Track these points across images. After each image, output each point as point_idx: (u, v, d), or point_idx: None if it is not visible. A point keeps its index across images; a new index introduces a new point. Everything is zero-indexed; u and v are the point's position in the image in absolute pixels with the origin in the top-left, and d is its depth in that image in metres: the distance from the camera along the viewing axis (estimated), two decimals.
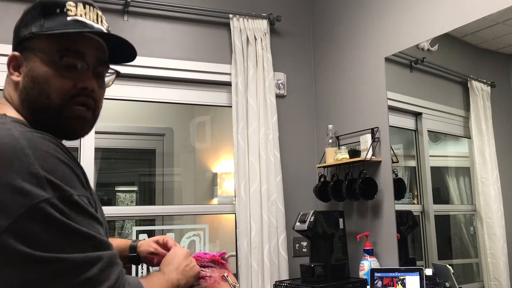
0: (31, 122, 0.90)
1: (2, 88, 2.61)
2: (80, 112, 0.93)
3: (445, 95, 2.43)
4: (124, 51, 1.01)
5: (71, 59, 0.92)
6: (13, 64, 0.94)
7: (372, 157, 2.61)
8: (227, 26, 2.97)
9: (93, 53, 0.95)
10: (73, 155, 0.87)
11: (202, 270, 1.16)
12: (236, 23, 2.93)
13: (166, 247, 1.23)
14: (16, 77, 0.93)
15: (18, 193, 0.75)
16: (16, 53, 0.94)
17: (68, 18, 0.92)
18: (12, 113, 0.91)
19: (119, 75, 1.03)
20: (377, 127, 2.65)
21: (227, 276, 1.16)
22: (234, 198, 2.88)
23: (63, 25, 0.91)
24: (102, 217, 0.90)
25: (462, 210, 2.40)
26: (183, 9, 2.89)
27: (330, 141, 2.84)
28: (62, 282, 0.76)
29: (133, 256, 1.27)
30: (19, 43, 0.95)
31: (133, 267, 2.26)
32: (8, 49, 1.01)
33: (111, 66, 1.01)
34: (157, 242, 1.26)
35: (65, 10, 0.92)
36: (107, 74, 1.01)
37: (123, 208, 3.64)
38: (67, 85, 0.91)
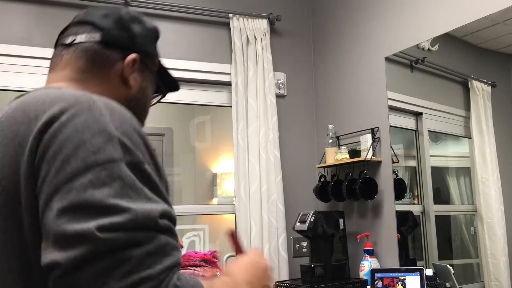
0: None
1: (6, 88, 2.58)
2: None
3: (445, 95, 2.43)
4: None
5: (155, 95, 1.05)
6: (133, 65, 0.94)
7: (372, 157, 2.61)
8: (227, 26, 2.96)
9: None
10: None
11: (194, 270, 1.15)
12: (236, 23, 2.93)
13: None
14: (133, 81, 0.94)
15: (89, 148, 0.70)
16: (137, 57, 0.94)
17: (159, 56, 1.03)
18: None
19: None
20: (377, 127, 2.65)
21: (219, 275, 1.16)
22: (234, 198, 2.88)
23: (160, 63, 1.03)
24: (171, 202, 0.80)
25: (463, 210, 2.40)
26: (183, 9, 2.88)
27: (330, 141, 2.84)
28: (94, 261, 0.65)
29: None
30: (139, 50, 0.96)
31: None
32: (7, 49, 1.01)
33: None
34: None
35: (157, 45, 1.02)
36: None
37: None
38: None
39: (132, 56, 0.93)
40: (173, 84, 1.11)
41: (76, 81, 0.90)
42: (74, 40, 0.92)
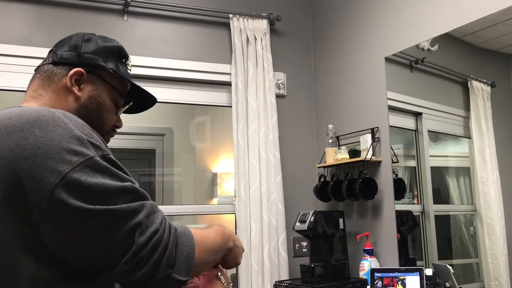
0: None
1: (6, 88, 2.58)
2: (108, 141, 1.16)
3: (445, 95, 2.43)
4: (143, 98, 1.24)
5: (124, 103, 1.16)
6: (76, 78, 1.06)
7: (372, 157, 2.61)
8: (227, 26, 2.96)
9: None
10: None
11: None
12: (236, 23, 2.93)
13: None
14: (77, 91, 1.06)
15: (66, 152, 0.84)
16: (82, 70, 1.06)
17: (128, 70, 1.17)
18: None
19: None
20: (377, 127, 2.65)
21: (220, 275, 1.15)
22: (234, 198, 2.88)
23: (127, 75, 1.15)
24: None
25: (462, 210, 2.40)
26: (183, 9, 2.89)
27: (330, 141, 2.84)
28: (115, 231, 0.84)
29: None
30: (86, 64, 1.07)
31: None
32: (7, 49, 1.03)
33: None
34: None
35: (127, 62, 1.17)
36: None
37: None
38: (113, 120, 1.14)
39: (75, 69, 1.05)
40: (147, 96, 1.23)
41: (33, 98, 1.05)
42: (39, 66, 1.09)
